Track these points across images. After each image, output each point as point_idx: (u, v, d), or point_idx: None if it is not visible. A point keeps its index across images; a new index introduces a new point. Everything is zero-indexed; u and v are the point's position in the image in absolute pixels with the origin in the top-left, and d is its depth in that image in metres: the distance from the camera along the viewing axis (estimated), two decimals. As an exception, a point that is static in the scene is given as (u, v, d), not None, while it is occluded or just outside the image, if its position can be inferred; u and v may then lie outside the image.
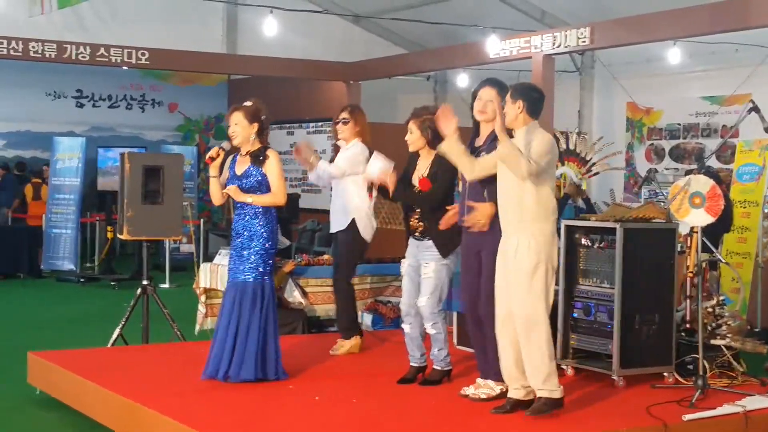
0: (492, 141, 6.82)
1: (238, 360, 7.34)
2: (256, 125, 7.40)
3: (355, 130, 8.58)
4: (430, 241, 7.35)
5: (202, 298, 10.16)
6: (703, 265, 8.17)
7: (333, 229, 8.69)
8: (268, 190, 7.40)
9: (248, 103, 7.48)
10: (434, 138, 7.37)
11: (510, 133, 6.57)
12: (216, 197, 7.60)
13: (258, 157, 7.39)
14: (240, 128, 7.39)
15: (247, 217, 7.44)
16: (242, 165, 7.45)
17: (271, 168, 7.39)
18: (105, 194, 17.24)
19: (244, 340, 7.34)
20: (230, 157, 7.59)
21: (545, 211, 6.44)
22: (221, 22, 19.68)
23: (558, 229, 6.97)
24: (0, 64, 17.53)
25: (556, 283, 7.24)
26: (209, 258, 11.79)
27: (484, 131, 6.98)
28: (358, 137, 8.59)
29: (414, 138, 7.46)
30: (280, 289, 9.82)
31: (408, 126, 7.49)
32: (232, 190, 7.39)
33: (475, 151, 6.93)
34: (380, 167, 7.51)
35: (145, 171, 9.17)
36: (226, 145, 7.53)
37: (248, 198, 7.37)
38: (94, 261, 17.79)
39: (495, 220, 6.78)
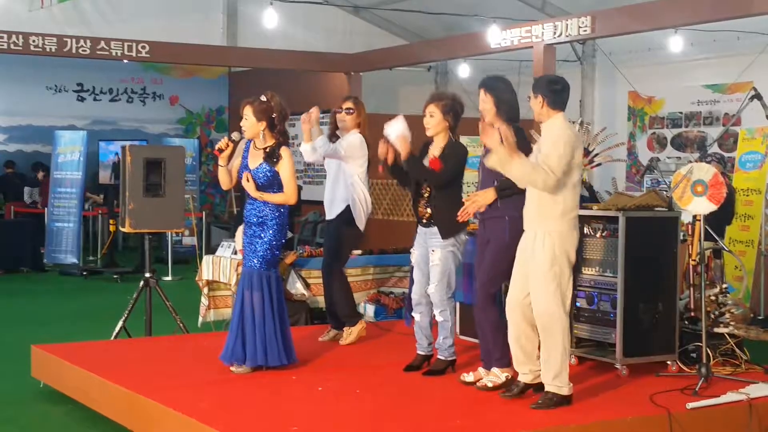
0: None
1: (261, 348, 7.41)
2: (263, 122, 7.43)
3: (357, 121, 8.61)
4: (436, 228, 7.37)
5: (205, 291, 10.16)
6: (708, 253, 8.17)
7: (329, 216, 8.71)
8: (279, 187, 7.43)
9: (262, 98, 7.49)
10: (455, 123, 7.40)
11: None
12: (225, 183, 7.70)
13: (272, 157, 7.43)
14: (249, 124, 7.46)
15: (260, 207, 7.48)
16: (255, 159, 7.49)
17: (284, 168, 7.43)
18: (107, 187, 17.26)
19: (262, 328, 7.41)
20: (243, 142, 7.64)
21: (563, 207, 6.43)
22: (221, 15, 19.64)
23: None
24: (0, 59, 17.52)
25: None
26: (212, 250, 11.78)
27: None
28: (358, 128, 8.60)
29: (435, 122, 7.41)
30: (282, 281, 9.82)
31: (426, 110, 7.44)
32: (251, 186, 7.40)
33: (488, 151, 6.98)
34: (399, 129, 7.40)
35: (146, 164, 9.17)
36: (235, 135, 7.58)
37: (259, 196, 7.40)
38: (97, 254, 17.80)
39: (502, 210, 6.84)
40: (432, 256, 7.41)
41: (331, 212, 8.66)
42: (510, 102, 7.00)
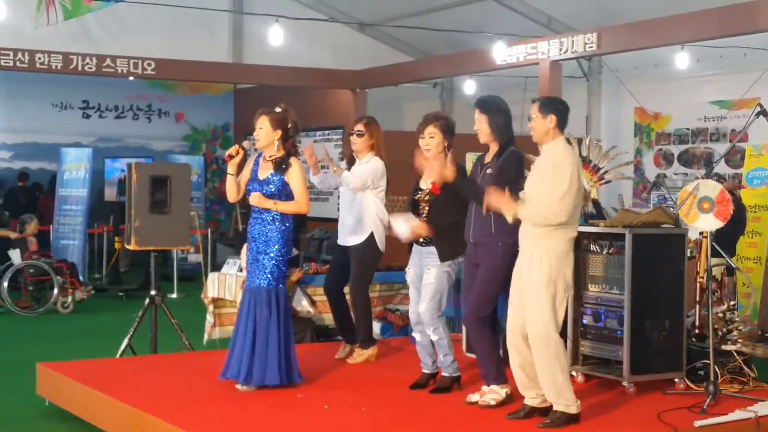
0: (496, 158, 6.94)
1: (261, 366, 7.37)
2: (279, 132, 7.45)
3: (370, 143, 8.47)
4: (432, 248, 7.34)
5: (210, 308, 10.14)
6: (721, 270, 8.13)
7: (347, 243, 8.56)
8: (288, 197, 7.41)
9: (277, 109, 7.53)
10: (451, 143, 7.39)
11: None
12: (232, 195, 7.64)
13: (281, 165, 7.42)
14: (264, 133, 7.45)
15: (264, 222, 7.47)
16: (265, 170, 7.48)
17: (294, 177, 7.42)
18: (113, 205, 17.24)
19: (265, 346, 7.37)
20: (254, 157, 7.61)
21: (563, 228, 6.41)
22: (227, 32, 19.66)
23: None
24: (6, 76, 17.55)
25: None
26: (217, 267, 11.77)
27: (492, 147, 7.04)
28: (372, 151, 8.49)
29: (436, 142, 7.39)
30: (288, 297, 9.79)
31: (426, 131, 7.41)
32: (255, 198, 7.40)
33: (483, 167, 7.01)
34: (406, 227, 7.40)
35: (152, 181, 9.16)
36: (246, 143, 7.57)
37: (273, 205, 7.37)
38: (102, 272, 17.77)
39: (496, 236, 6.81)
40: (427, 275, 7.39)
41: (357, 238, 8.48)
42: (506, 124, 6.99)
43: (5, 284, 13.93)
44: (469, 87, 18.72)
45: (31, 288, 14.34)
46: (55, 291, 14.14)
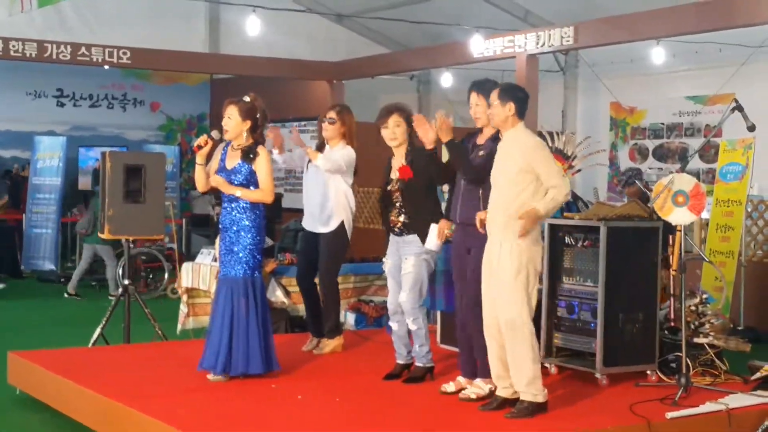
0: (491, 141, 6.87)
1: (243, 355, 7.36)
2: (248, 122, 7.43)
3: (341, 131, 8.37)
4: (411, 236, 7.36)
5: (184, 298, 10.12)
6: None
7: (317, 230, 8.48)
8: (256, 186, 7.41)
9: (246, 99, 7.51)
10: (413, 131, 7.38)
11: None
12: (201, 184, 7.63)
13: (248, 154, 7.41)
14: (233, 122, 7.43)
15: (235, 212, 7.46)
16: (233, 159, 7.47)
17: (261, 165, 7.41)
18: (87, 194, 17.15)
19: (245, 335, 7.36)
20: (222, 146, 7.59)
21: None
22: (204, 22, 19.60)
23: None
24: (-20, 64, 17.44)
25: (540, 282, 7.26)
26: (192, 257, 11.75)
27: (486, 131, 6.98)
28: (344, 139, 8.41)
29: (402, 131, 7.41)
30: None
31: (390, 121, 7.42)
32: (220, 182, 7.39)
33: (474, 148, 6.97)
34: (435, 239, 7.36)
35: (126, 170, 9.13)
36: (214, 133, 7.55)
37: (237, 191, 7.38)
38: (75, 261, 17.68)
39: None
40: (405, 264, 7.38)
41: (326, 226, 8.39)
42: None
43: (120, 271, 14.18)
44: (446, 80, 18.74)
45: (143, 274, 14.89)
46: (166, 277, 14.65)
